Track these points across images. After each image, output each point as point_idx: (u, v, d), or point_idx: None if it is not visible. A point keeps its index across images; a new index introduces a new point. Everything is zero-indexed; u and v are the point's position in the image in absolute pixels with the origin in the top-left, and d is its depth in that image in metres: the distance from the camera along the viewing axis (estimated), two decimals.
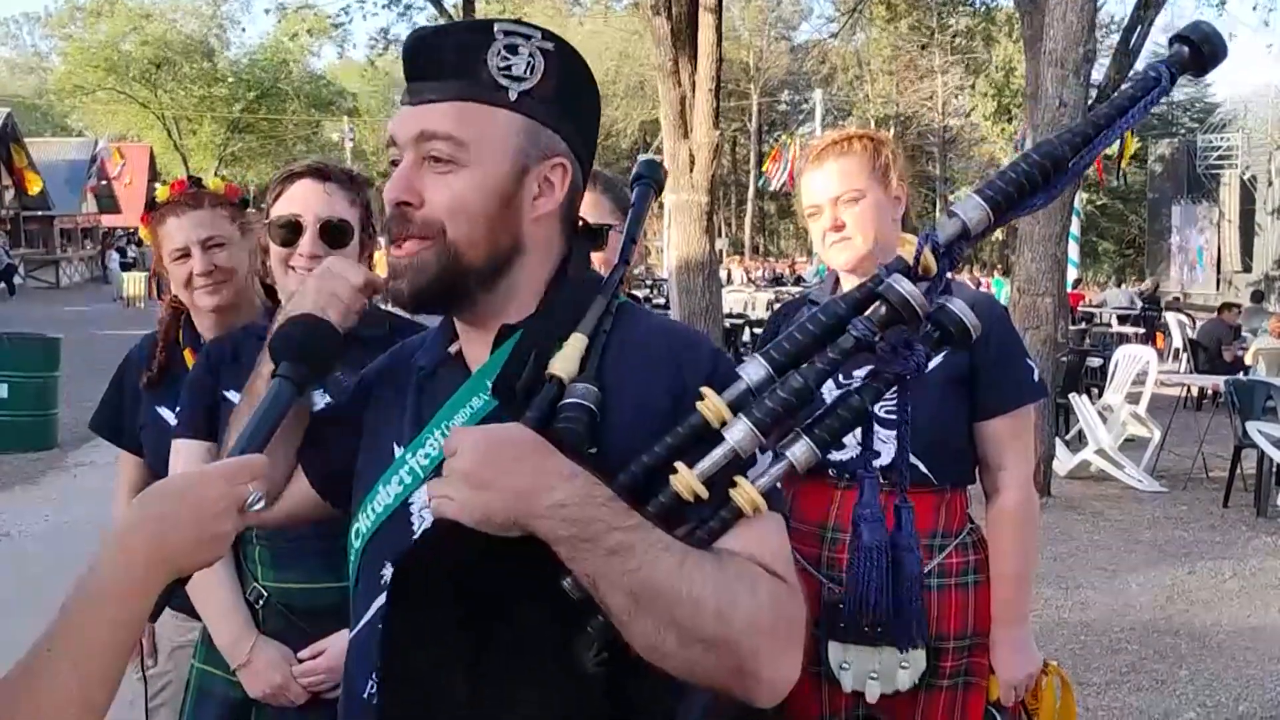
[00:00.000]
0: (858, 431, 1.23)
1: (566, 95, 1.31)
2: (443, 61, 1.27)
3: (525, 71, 1.27)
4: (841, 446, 1.31)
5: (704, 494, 1.18)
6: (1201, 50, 1.26)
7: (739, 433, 1.18)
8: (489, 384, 1.29)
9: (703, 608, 1.12)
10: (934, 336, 1.21)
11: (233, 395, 2.13)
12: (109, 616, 1.06)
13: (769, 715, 2.06)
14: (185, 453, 2.14)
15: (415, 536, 1.28)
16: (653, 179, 1.61)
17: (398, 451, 1.35)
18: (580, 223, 1.38)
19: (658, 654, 1.14)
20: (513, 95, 1.26)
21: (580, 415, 1.21)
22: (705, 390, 1.21)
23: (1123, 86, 1.29)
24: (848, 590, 1.33)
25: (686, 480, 1.17)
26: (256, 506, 1.19)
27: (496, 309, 1.32)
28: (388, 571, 1.28)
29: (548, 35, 1.29)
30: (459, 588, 1.16)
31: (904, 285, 1.18)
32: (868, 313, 1.21)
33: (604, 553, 1.11)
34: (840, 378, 1.94)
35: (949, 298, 1.21)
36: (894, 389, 1.25)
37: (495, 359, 1.31)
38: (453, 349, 1.39)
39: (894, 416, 2.15)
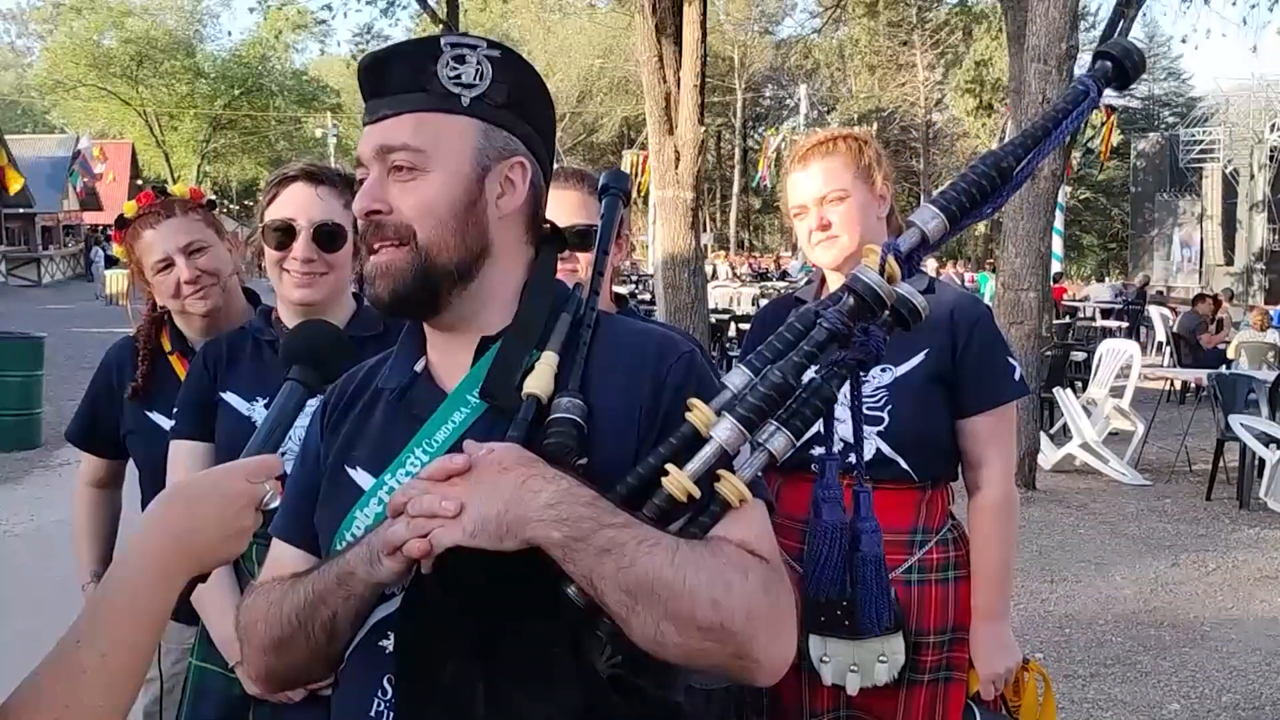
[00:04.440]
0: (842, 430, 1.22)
1: (518, 100, 1.35)
2: (395, 79, 1.32)
3: (475, 78, 1.32)
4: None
5: (697, 494, 1.20)
6: (1124, 65, 1.32)
7: (725, 430, 1.21)
8: (469, 397, 1.31)
9: (699, 598, 1.15)
10: (888, 321, 1.26)
11: (229, 397, 2.15)
12: (136, 612, 1.09)
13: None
14: (185, 454, 2.15)
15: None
16: (620, 189, 1.66)
17: (352, 474, 1.36)
18: (548, 225, 1.42)
19: (659, 645, 1.16)
20: (465, 101, 1.32)
21: (569, 429, 1.24)
22: (694, 401, 1.24)
23: (1052, 100, 1.33)
24: (805, 567, 1.34)
25: (679, 481, 1.19)
26: (273, 504, 1.23)
27: (470, 315, 1.35)
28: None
29: (494, 45, 1.35)
30: (468, 609, 1.17)
31: (870, 276, 1.23)
32: (836, 306, 1.25)
33: (596, 551, 1.14)
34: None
35: (900, 284, 1.25)
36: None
37: (476, 371, 1.33)
38: (418, 367, 1.41)
39: (878, 414, 2.20)
